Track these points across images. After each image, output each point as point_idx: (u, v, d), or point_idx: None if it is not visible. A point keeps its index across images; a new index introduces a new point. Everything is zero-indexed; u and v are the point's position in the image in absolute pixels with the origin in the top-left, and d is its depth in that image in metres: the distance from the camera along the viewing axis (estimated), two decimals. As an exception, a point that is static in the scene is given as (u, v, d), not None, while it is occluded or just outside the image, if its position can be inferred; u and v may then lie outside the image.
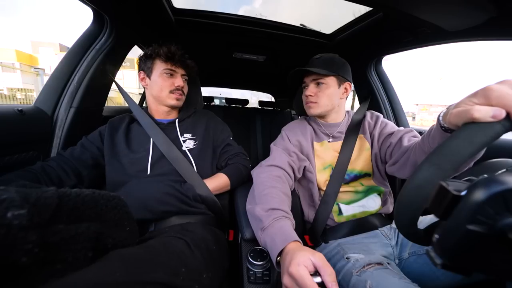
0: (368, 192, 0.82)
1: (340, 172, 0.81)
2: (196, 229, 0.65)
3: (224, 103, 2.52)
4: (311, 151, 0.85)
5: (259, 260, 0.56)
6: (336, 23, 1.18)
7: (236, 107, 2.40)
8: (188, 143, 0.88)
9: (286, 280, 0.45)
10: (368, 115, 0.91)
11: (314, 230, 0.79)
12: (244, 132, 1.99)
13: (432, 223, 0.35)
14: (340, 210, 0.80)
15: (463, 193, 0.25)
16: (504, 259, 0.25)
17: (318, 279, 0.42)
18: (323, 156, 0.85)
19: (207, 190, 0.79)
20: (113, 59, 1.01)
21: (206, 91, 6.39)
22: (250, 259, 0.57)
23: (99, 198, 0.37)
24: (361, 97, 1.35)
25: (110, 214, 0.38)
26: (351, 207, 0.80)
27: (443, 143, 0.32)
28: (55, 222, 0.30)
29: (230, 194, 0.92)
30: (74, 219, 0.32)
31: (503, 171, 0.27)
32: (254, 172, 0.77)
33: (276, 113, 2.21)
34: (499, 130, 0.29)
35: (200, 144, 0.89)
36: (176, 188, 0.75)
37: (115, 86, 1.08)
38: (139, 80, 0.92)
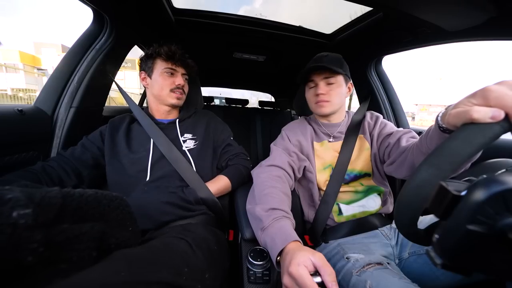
0: (368, 192, 0.82)
1: (340, 172, 0.81)
2: (197, 229, 0.65)
3: (224, 103, 2.52)
4: (311, 151, 0.85)
5: (259, 260, 0.56)
6: (336, 23, 1.18)
7: (236, 107, 2.40)
8: (188, 143, 0.88)
9: (286, 280, 0.45)
10: (368, 115, 0.91)
11: (314, 230, 0.79)
12: (244, 132, 1.99)
13: (432, 223, 0.35)
14: (340, 210, 0.80)
15: (463, 193, 0.25)
16: (504, 259, 0.25)
17: (318, 279, 0.42)
18: (323, 156, 0.85)
19: (208, 191, 0.79)
20: (113, 59, 1.01)
21: (206, 91, 6.40)
22: (250, 259, 0.57)
23: (102, 198, 0.37)
24: (361, 97, 1.35)
25: (113, 214, 0.38)
26: (351, 207, 0.80)
27: (442, 144, 0.32)
28: (59, 221, 0.30)
29: (230, 194, 0.92)
30: (78, 219, 0.32)
31: (503, 171, 0.27)
32: (254, 172, 0.77)
33: (276, 113, 2.21)
34: (498, 131, 0.29)
35: (200, 144, 0.89)
36: (178, 195, 0.74)
37: (117, 87, 1.08)
38: (140, 80, 0.92)
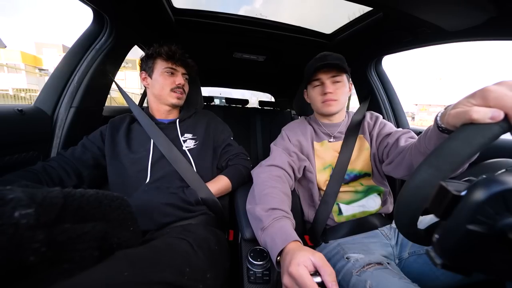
0: (368, 192, 0.82)
1: (340, 172, 0.81)
2: (198, 229, 0.65)
3: (224, 103, 2.52)
4: (311, 151, 0.85)
5: (259, 260, 0.56)
6: (336, 23, 1.18)
7: (236, 107, 2.40)
8: (188, 143, 0.87)
9: (286, 280, 0.45)
10: (368, 115, 0.91)
11: (314, 230, 0.79)
12: (244, 132, 1.99)
13: (432, 223, 0.35)
14: (340, 210, 0.80)
15: (463, 193, 0.25)
16: (504, 259, 0.25)
17: (318, 279, 0.42)
18: (323, 156, 0.85)
19: (208, 191, 0.79)
20: (113, 59, 1.01)
21: (206, 91, 6.40)
22: (250, 259, 0.57)
23: (103, 198, 0.37)
24: (361, 97, 1.35)
25: (114, 214, 0.38)
26: (351, 207, 0.80)
27: (442, 144, 0.32)
28: (61, 221, 0.30)
29: (230, 194, 0.92)
30: (79, 218, 0.32)
31: (502, 171, 0.27)
32: (254, 172, 0.77)
33: (276, 113, 2.21)
34: (497, 131, 0.29)
35: (201, 144, 0.89)
36: (179, 196, 0.74)
37: (117, 87, 1.08)
38: (141, 80, 0.92)
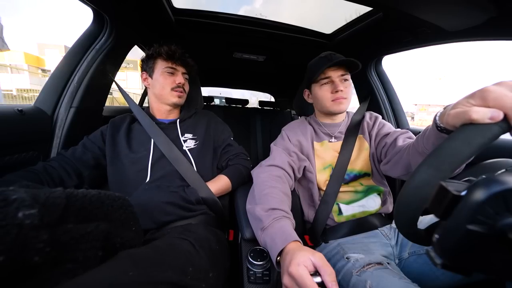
0: (367, 192, 0.82)
1: (340, 172, 0.81)
2: (198, 229, 0.65)
3: (224, 103, 2.52)
4: (311, 151, 0.85)
5: (259, 260, 0.56)
6: (336, 23, 1.18)
7: (236, 107, 2.40)
8: (188, 143, 0.88)
9: (286, 280, 0.45)
10: (367, 115, 0.91)
11: (314, 230, 0.79)
12: (244, 132, 1.99)
13: (432, 223, 0.35)
14: (340, 210, 0.80)
15: (463, 193, 0.25)
16: (504, 259, 0.25)
17: (318, 279, 0.42)
18: (323, 156, 0.85)
19: (208, 191, 0.79)
20: (113, 59, 1.01)
21: (206, 91, 6.39)
22: (250, 259, 0.57)
23: (105, 198, 0.37)
24: (361, 97, 1.35)
25: (116, 214, 0.38)
26: (351, 207, 0.80)
27: (441, 145, 0.32)
28: (64, 221, 0.30)
29: (230, 194, 0.92)
30: (82, 219, 0.32)
31: (502, 171, 0.27)
32: (254, 172, 0.77)
33: (276, 113, 2.21)
34: (497, 131, 0.29)
35: (201, 144, 0.89)
36: (180, 195, 0.74)
37: (117, 87, 1.08)
38: (141, 80, 0.92)
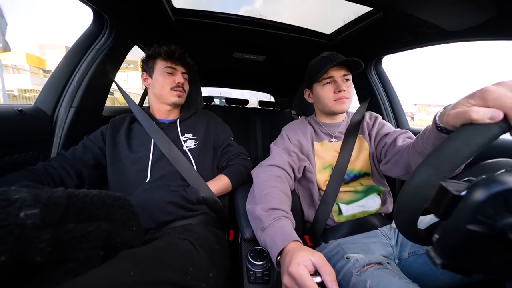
0: (367, 192, 0.82)
1: (340, 172, 0.81)
2: (198, 229, 0.65)
3: (224, 103, 2.52)
4: (311, 151, 0.85)
5: (259, 260, 0.56)
6: (336, 23, 1.18)
7: (236, 107, 2.40)
8: (188, 143, 0.88)
9: (286, 279, 0.45)
10: (367, 115, 0.91)
11: (314, 230, 0.79)
12: (244, 132, 1.99)
13: (432, 223, 0.35)
14: (340, 210, 0.80)
15: (463, 193, 0.25)
16: (504, 259, 0.25)
17: (318, 279, 0.42)
18: (323, 156, 0.85)
19: (209, 190, 0.80)
20: (113, 59, 1.01)
21: (206, 91, 6.38)
22: (250, 259, 0.57)
23: (106, 198, 0.37)
24: (361, 97, 1.35)
25: (117, 214, 0.38)
26: (351, 207, 0.80)
27: (441, 145, 0.32)
28: (65, 221, 0.30)
29: (230, 194, 0.92)
30: (83, 218, 0.32)
31: (502, 171, 0.27)
32: (254, 172, 0.77)
33: (276, 113, 2.21)
34: (497, 131, 0.29)
35: (201, 144, 0.89)
36: (180, 194, 0.74)
37: (117, 87, 1.08)
38: (142, 80, 0.93)
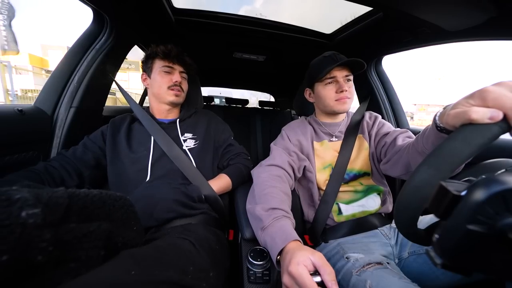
0: (367, 191, 0.82)
1: (340, 172, 0.81)
2: (198, 229, 0.65)
3: (224, 103, 2.52)
4: (311, 150, 0.85)
5: (259, 260, 0.56)
6: (336, 23, 1.18)
7: (236, 107, 2.39)
8: (188, 143, 0.88)
9: (286, 279, 0.45)
10: (367, 115, 0.91)
11: (314, 229, 0.79)
12: (244, 132, 1.99)
13: (432, 223, 0.35)
14: (339, 210, 0.80)
15: (463, 193, 0.25)
16: (504, 259, 0.25)
17: (318, 279, 0.42)
18: (323, 155, 0.85)
19: (210, 189, 0.80)
20: (113, 59, 1.01)
21: (206, 91, 6.38)
22: (250, 259, 0.57)
23: (107, 198, 0.37)
24: (360, 97, 1.35)
25: (117, 213, 0.38)
26: (350, 206, 0.80)
27: (441, 145, 0.32)
28: (66, 221, 0.30)
29: (230, 193, 0.92)
30: (84, 218, 0.32)
31: (502, 171, 0.27)
32: (254, 172, 0.78)
33: (276, 113, 2.21)
34: (497, 131, 0.29)
35: (201, 143, 0.89)
36: (182, 191, 0.74)
37: (117, 86, 1.08)
38: (142, 81, 0.93)
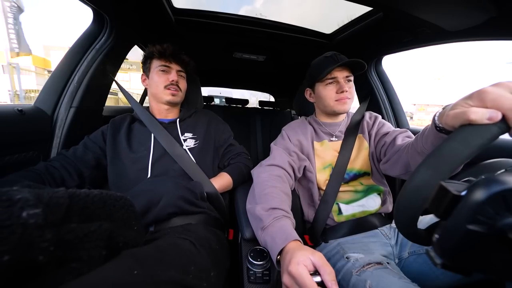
0: (368, 191, 0.82)
1: (340, 172, 0.81)
2: (198, 229, 0.65)
3: (224, 103, 2.52)
4: (311, 150, 0.85)
5: (259, 260, 0.56)
6: (336, 23, 1.18)
7: (236, 107, 2.39)
8: (188, 142, 0.88)
9: (286, 279, 0.45)
10: (367, 115, 0.91)
11: (314, 229, 0.79)
12: (244, 132, 1.99)
13: (432, 223, 0.35)
14: (339, 210, 0.80)
15: (463, 193, 0.26)
16: (504, 259, 0.25)
17: (318, 279, 0.42)
18: (323, 155, 0.85)
19: (212, 187, 0.80)
20: (113, 59, 1.01)
21: (206, 91, 6.38)
22: (250, 259, 0.57)
23: (107, 198, 0.37)
24: (360, 97, 1.35)
25: (118, 213, 0.38)
26: (350, 206, 0.80)
27: (440, 146, 0.32)
28: (67, 221, 0.30)
29: (230, 193, 0.92)
30: (85, 218, 0.32)
31: (502, 171, 0.27)
32: (254, 172, 0.78)
33: (276, 113, 2.21)
34: (495, 132, 0.29)
35: (201, 143, 0.89)
36: (184, 185, 0.74)
37: (117, 86, 1.08)
38: (141, 82, 0.93)
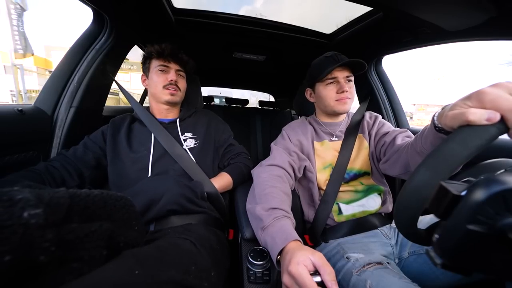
0: (368, 191, 0.82)
1: (340, 172, 0.81)
2: (198, 229, 0.65)
3: (224, 103, 2.52)
4: (312, 150, 0.85)
5: (259, 260, 0.56)
6: (336, 23, 1.18)
7: (236, 107, 2.39)
8: (188, 142, 0.88)
9: (286, 279, 0.45)
10: (367, 115, 0.91)
11: (314, 229, 0.79)
12: (244, 132, 1.99)
13: (432, 223, 0.35)
14: (340, 210, 0.80)
15: (463, 193, 0.26)
16: (504, 259, 0.25)
17: (318, 279, 0.42)
18: (324, 155, 0.85)
19: (212, 186, 0.80)
20: (113, 59, 1.01)
21: (206, 91, 6.38)
22: (250, 259, 0.57)
23: (108, 198, 0.37)
24: (360, 97, 1.35)
25: (119, 213, 0.38)
26: (351, 206, 0.80)
27: (439, 146, 0.32)
28: (68, 221, 0.30)
29: (230, 193, 0.92)
30: (86, 218, 0.32)
31: (502, 171, 0.27)
32: (255, 172, 0.78)
33: (276, 113, 2.21)
34: (494, 133, 0.29)
35: (201, 143, 0.89)
36: (185, 184, 0.74)
37: (118, 86, 1.08)
38: (141, 82, 0.94)
